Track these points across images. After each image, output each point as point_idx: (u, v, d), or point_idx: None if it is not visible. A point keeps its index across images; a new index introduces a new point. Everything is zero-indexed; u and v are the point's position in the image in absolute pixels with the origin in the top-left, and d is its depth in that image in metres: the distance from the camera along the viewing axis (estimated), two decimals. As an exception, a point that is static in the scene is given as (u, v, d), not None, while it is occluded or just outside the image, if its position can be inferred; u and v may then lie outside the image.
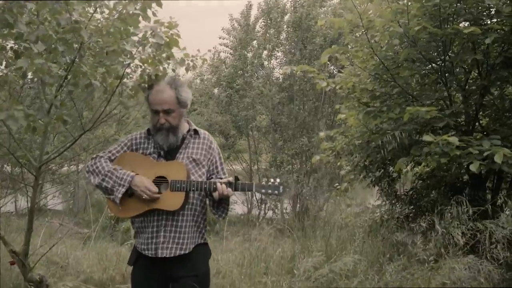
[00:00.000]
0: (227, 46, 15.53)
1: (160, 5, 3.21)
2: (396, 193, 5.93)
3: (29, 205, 3.67)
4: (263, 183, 2.34)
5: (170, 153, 2.48)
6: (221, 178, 2.48)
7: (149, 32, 2.96)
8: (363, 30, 4.31)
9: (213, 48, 15.91)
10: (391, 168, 5.58)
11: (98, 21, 3.19)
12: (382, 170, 5.70)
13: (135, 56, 3.02)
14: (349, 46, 5.02)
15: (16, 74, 3.77)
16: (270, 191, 2.32)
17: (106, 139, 10.30)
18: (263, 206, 15.66)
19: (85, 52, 2.97)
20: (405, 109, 4.11)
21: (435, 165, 4.14)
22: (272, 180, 2.34)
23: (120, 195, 2.32)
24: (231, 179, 2.36)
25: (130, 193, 2.36)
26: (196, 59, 3.51)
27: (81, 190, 16.25)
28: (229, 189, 2.31)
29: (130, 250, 5.99)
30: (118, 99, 3.56)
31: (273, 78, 15.40)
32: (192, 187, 2.32)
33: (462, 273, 3.04)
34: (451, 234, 3.57)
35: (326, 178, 13.14)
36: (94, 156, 2.50)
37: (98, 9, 3.21)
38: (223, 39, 15.63)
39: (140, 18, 3.24)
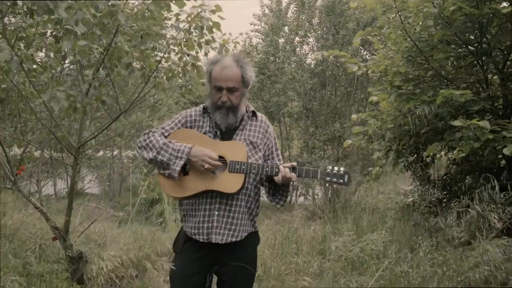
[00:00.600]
0: (258, 32, 15.53)
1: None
2: (429, 178, 5.88)
3: (68, 185, 3.85)
4: (328, 170, 2.18)
5: (226, 134, 2.33)
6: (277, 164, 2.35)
7: (194, 15, 3.00)
8: (396, 11, 4.26)
9: (245, 33, 15.95)
10: (424, 153, 5.53)
11: (133, 4, 3.30)
12: (415, 155, 5.65)
13: (173, 40, 3.08)
14: (383, 29, 4.97)
15: (57, 58, 3.96)
16: (335, 179, 2.16)
17: (140, 125, 10.53)
18: (294, 192, 15.71)
19: (123, 35, 3.09)
20: (438, 92, 4.06)
21: (468, 150, 4.07)
22: (336, 168, 2.18)
23: (178, 168, 2.18)
24: (294, 163, 2.20)
25: (186, 171, 2.25)
26: (228, 42, 3.58)
27: (116, 174, 16.75)
28: (293, 174, 2.15)
29: (163, 230, 6.21)
30: (152, 84, 3.69)
31: (305, 64, 15.31)
32: (252, 170, 2.18)
33: (496, 255, 3.01)
34: (487, 218, 3.54)
35: (358, 164, 13.07)
36: (146, 131, 2.38)
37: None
38: (254, 25, 15.64)
39: (173, 3, 3.35)
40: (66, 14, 3.02)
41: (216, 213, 2.24)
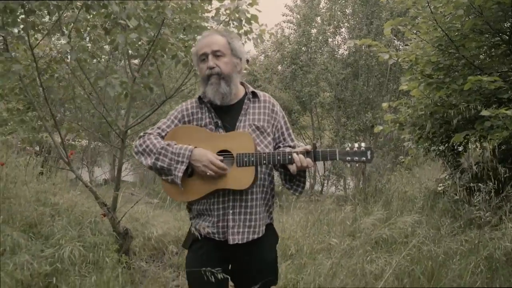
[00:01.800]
0: (291, 23, 15.68)
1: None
2: (460, 165, 5.98)
3: (116, 166, 4.21)
4: (347, 149, 2.00)
5: (228, 122, 2.14)
6: (289, 146, 2.20)
7: (233, 8, 3.27)
8: (426, 1, 4.39)
9: (278, 24, 16.14)
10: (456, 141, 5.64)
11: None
12: (447, 144, 5.76)
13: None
14: (417, 19, 5.09)
15: (104, 48, 4.32)
16: (357, 158, 1.99)
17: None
18: (326, 182, 15.89)
19: (168, 27, 3.40)
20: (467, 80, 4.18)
21: (497, 139, 4.18)
22: (356, 145, 2.00)
23: (180, 174, 2.00)
24: (308, 147, 2.01)
25: (189, 172, 2.06)
26: (265, 33, 3.85)
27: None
28: (309, 159, 1.97)
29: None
30: (193, 73, 4.00)
31: (338, 54, 15.39)
32: (263, 161, 1.99)
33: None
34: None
35: (390, 155, 13.13)
36: (141, 134, 2.18)
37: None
38: (286, 15, 15.79)
39: None
40: (118, 8, 3.36)
41: (231, 211, 2.07)
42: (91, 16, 3.73)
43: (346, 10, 14.85)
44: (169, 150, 2.04)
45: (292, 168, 1.99)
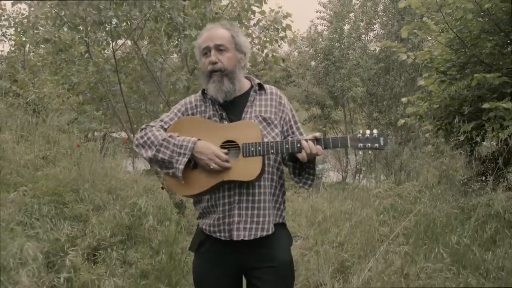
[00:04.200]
0: (324, 19, 16.44)
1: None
2: (476, 155, 6.69)
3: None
4: (359, 135, 1.96)
5: (233, 114, 2.10)
6: None
7: (272, 19, 4.23)
8: (437, 8, 5.18)
9: (310, 21, 16.92)
10: (473, 132, 6.38)
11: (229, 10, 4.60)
12: (465, 135, 6.49)
13: (258, 37, 4.33)
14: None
15: (164, 52, 5.34)
16: (369, 144, 1.95)
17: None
18: (357, 175, 16.59)
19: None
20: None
21: (498, 127, 4.94)
22: (368, 131, 1.96)
23: (182, 166, 1.95)
24: (318, 134, 1.97)
25: (192, 165, 2.01)
26: (297, 37, 4.79)
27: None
28: (318, 146, 1.93)
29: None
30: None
31: (370, 50, 16.06)
32: (270, 150, 1.94)
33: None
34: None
35: (420, 148, 13.74)
36: (143, 126, 2.13)
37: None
38: (319, 12, 16.55)
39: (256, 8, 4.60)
40: (181, 19, 4.35)
41: (237, 205, 2.01)
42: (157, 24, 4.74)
43: (378, 7, 15.49)
44: (171, 142, 1.98)
45: (302, 155, 1.94)
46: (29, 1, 4.59)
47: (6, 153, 5.40)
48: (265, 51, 4.51)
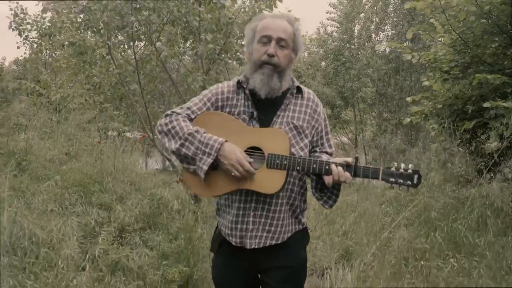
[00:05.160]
0: (333, 20, 16.73)
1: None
2: (478, 152, 6.97)
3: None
4: (393, 169, 1.86)
5: (265, 115, 2.01)
6: (326, 153, 2.08)
7: None
8: (441, 10, 5.49)
9: (320, 23, 17.24)
10: (479, 131, 6.66)
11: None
12: (471, 133, 6.77)
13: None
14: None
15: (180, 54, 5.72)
16: (401, 180, 1.84)
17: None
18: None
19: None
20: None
21: (499, 125, 5.22)
22: (403, 166, 1.86)
23: (205, 167, 1.85)
24: (349, 159, 1.88)
25: (214, 164, 1.90)
26: (306, 39, 5.12)
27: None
28: (347, 174, 1.85)
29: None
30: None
31: (379, 50, 16.31)
32: (296, 166, 1.87)
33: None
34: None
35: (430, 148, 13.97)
36: (169, 112, 2.02)
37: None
38: (330, 13, 16.86)
39: (267, 12, 4.96)
40: (197, 23, 4.72)
41: (252, 213, 1.96)
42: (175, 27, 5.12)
43: (388, 8, 15.75)
44: (197, 137, 1.88)
45: (328, 180, 1.86)
46: (53, 8, 4.98)
47: (33, 149, 5.84)
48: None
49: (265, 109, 2.01)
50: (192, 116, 1.99)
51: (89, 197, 4.28)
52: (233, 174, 1.84)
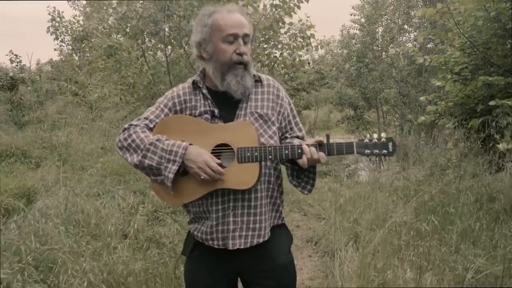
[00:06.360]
0: (355, 23, 17.13)
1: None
2: (494, 150, 7.34)
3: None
4: (366, 140, 1.85)
5: (225, 111, 1.94)
6: (297, 137, 2.05)
7: (298, 30, 5.15)
8: (450, 16, 5.94)
9: (342, 25, 17.68)
10: (492, 130, 7.06)
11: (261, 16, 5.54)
12: (485, 132, 7.16)
13: (287, 43, 5.28)
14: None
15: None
16: (376, 150, 1.84)
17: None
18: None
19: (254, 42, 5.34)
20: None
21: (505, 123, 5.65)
22: (376, 136, 1.87)
23: (171, 175, 1.79)
24: (321, 139, 1.84)
25: (182, 171, 1.84)
26: (320, 44, 5.69)
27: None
28: (321, 153, 1.81)
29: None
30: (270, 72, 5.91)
31: (403, 52, 16.65)
32: (268, 156, 1.81)
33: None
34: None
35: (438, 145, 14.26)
36: (126, 126, 1.95)
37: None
38: (354, 15, 17.27)
39: (287, 19, 5.53)
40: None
41: (232, 212, 1.90)
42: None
43: (411, 11, 16.10)
44: (159, 146, 1.82)
45: (302, 161, 1.81)
46: (97, 17, 5.66)
47: (72, 143, 6.55)
48: (293, 55, 5.45)
49: (226, 104, 1.94)
50: (151, 126, 1.93)
51: (126, 184, 4.91)
52: (202, 177, 1.77)
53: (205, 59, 1.96)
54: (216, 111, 1.93)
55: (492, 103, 5.46)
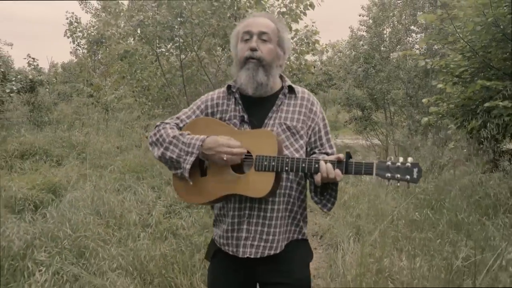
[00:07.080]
0: (362, 25, 17.44)
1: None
2: (495, 150, 7.65)
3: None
4: (388, 163, 1.75)
5: (256, 117, 1.97)
6: (327, 154, 2.00)
7: (303, 35, 5.55)
8: (450, 22, 6.29)
9: (349, 27, 18.00)
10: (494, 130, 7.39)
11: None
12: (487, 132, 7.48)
13: (294, 48, 5.68)
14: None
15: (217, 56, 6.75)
16: (399, 175, 1.73)
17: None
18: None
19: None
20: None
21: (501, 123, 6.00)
22: (401, 160, 1.75)
23: (188, 166, 1.85)
24: (341, 155, 1.80)
25: (201, 172, 1.92)
26: (325, 48, 6.07)
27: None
28: (338, 171, 1.77)
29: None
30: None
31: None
32: (284, 166, 1.81)
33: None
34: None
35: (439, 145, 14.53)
36: (158, 123, 2.06)
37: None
38: (362, 16, 17.59)
39: (293, 25, 5.93)
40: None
41: (246, 220, 1.93)
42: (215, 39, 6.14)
43: (418, 13, 16.39)
44: (181, 140, 1.89)
45: (317, 178, 1.79)
46: (115, 24, 6.08)
47: (90, 142, 7.00)
48: (299, 59, 5.84)
49: (256, 111, 1.97)
50: (181, 125, 2.02)
51: (143, 180, 5.34)
52: (225, 158, 1.80)
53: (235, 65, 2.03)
54: (245, 116, 1.96)
55: (487, 104, 5.78)
